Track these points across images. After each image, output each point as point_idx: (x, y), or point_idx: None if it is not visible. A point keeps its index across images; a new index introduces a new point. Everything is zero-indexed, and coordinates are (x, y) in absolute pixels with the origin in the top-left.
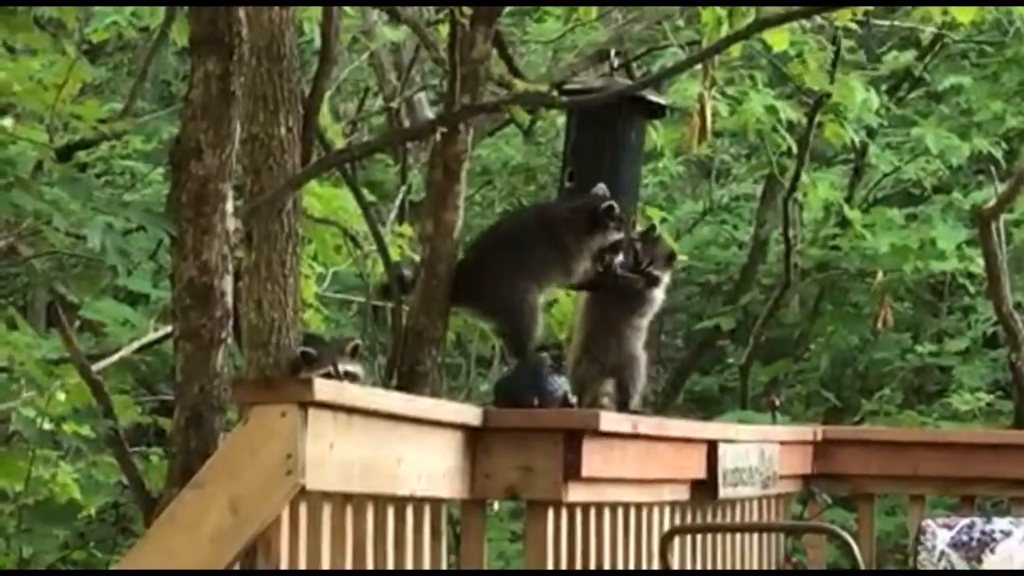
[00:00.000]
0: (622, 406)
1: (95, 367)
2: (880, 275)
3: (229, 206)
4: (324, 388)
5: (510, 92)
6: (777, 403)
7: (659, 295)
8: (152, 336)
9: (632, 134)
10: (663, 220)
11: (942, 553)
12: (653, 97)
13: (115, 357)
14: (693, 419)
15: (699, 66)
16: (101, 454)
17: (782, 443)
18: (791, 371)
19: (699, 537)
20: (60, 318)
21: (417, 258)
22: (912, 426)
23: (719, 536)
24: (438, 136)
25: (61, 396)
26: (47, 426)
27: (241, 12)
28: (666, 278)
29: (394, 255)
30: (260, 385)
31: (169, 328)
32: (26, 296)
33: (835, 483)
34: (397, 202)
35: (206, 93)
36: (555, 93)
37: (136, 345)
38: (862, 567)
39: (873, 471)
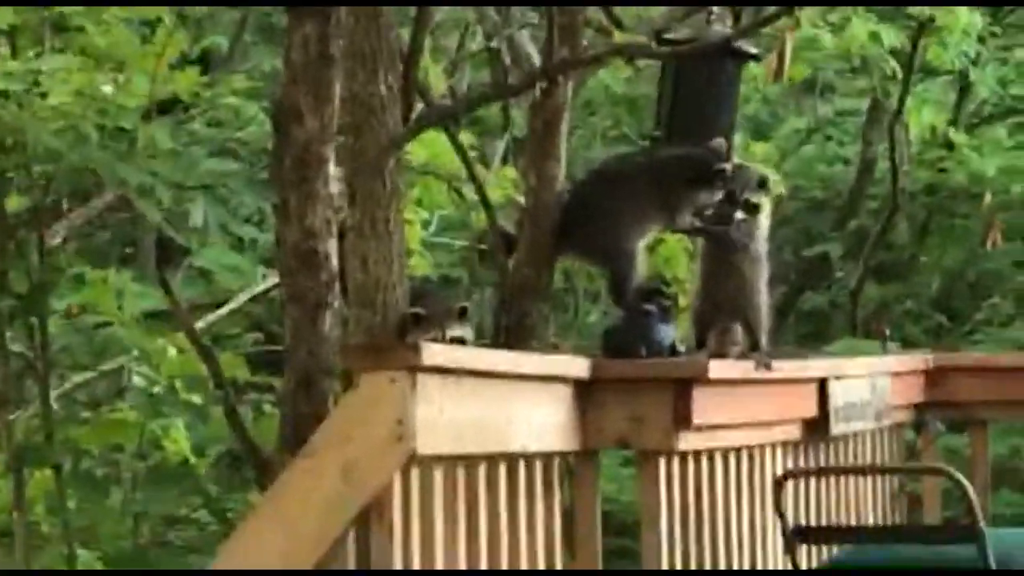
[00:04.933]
0: (753, 347)
1: (206, 320)
2: (988, 196)
3: (331, 169)
4: (433, 353)
5: (609, 42)
6: (887, 332)
7: (763, 220)
8: (262, 286)
9: (727, 81)
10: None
11: None
12: (746, 47)
13: (224, 311)
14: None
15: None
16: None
17: (893, 374)
18: (902, 294)
19: (812, 478)
20: (166, 284)
21: (521, 201)
22: None
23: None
24: (538, 91)
25: (172, 351)
26: (157, 389)
27: None
28: (765, 202)
29: (499, 196)
30: (368, 351)
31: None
32: (135, 240)
33: (948, 410)
34: (501, 146)
35: (304, 56)
36: (654, 44)
37: (245, 297)
38: (976, 508)
39: (986, 397)
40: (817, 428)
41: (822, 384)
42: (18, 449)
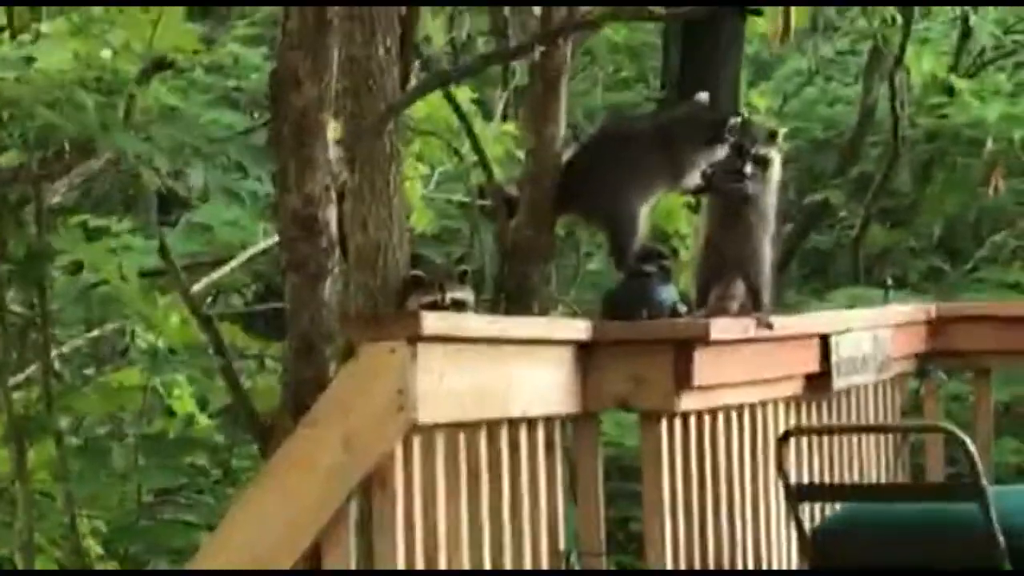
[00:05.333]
0: (755, 305)
1: (208, 279)
2: (990, 143)
3: (330, 135)
4: (432, 322)
5: (608, 5)
6: (888, 282)
7: (774, 175)
8: (263, 245)
9: (733, 35)
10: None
11: None
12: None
13: (225, 269)
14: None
15: None
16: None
17: (895, 325)
18: (904, 239)
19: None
20: (165, 249)
21: (521, 158)
22: None
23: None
24: (537, 53)
25: (174, 318)
26: (160, 345)
27: None
28: (775, 156)
29: (499, 152)
30: (368, 322)
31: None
32: (134, 190)
33: (951, 360)
34: (501, 103)
35: (302, 22)
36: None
37: (245, 256)
38: (978, 466)
39: (989, 346)
40: (819, 383)
41: (824, 339)
42: (19, 420)
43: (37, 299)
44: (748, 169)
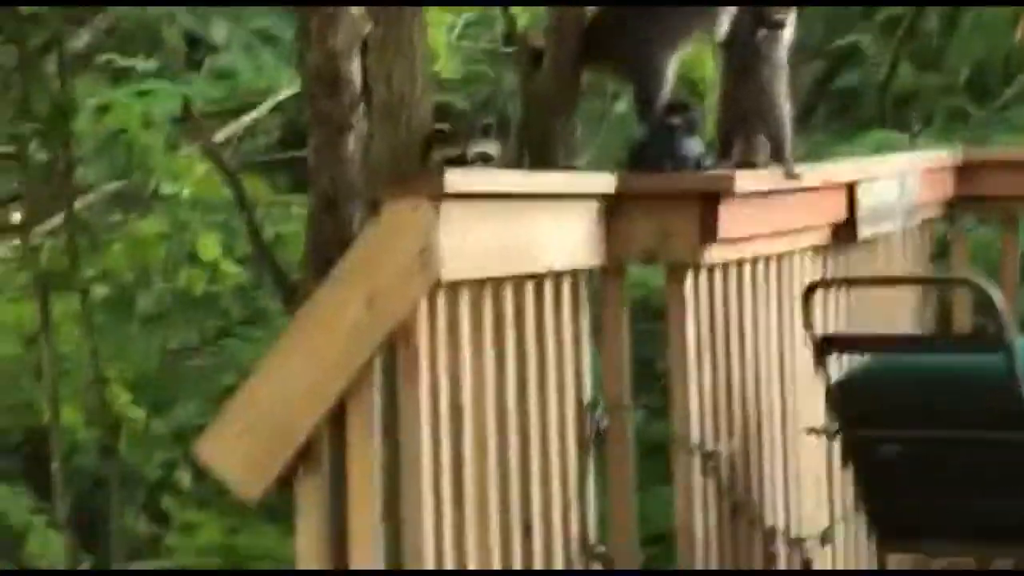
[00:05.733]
0: (777, 154)
1: (232, 127)
2: None
3: None
4: (454, 180)
5: None
6: (916, 127)
7: (787, 34)
8: (287, 92)
9: None
10: None
11: None
12: None
13: (250, 117)
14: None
15: None
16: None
17: (923, 172)
18: (933, 82)
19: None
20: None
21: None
22: None
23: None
24: None
25: (198, 170)
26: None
27: None
28: (791, 18)
29: None
30: (391, 180)
31: None
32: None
33: (978, 206)
34: None
35: None
36: None
37: (271, 103)
38: (1004, 318)
39: (1016, 192)
40: (846, 231)
41: (850, 187)
42: (44, 274)
43: (61, 151)
44: (761, 32)
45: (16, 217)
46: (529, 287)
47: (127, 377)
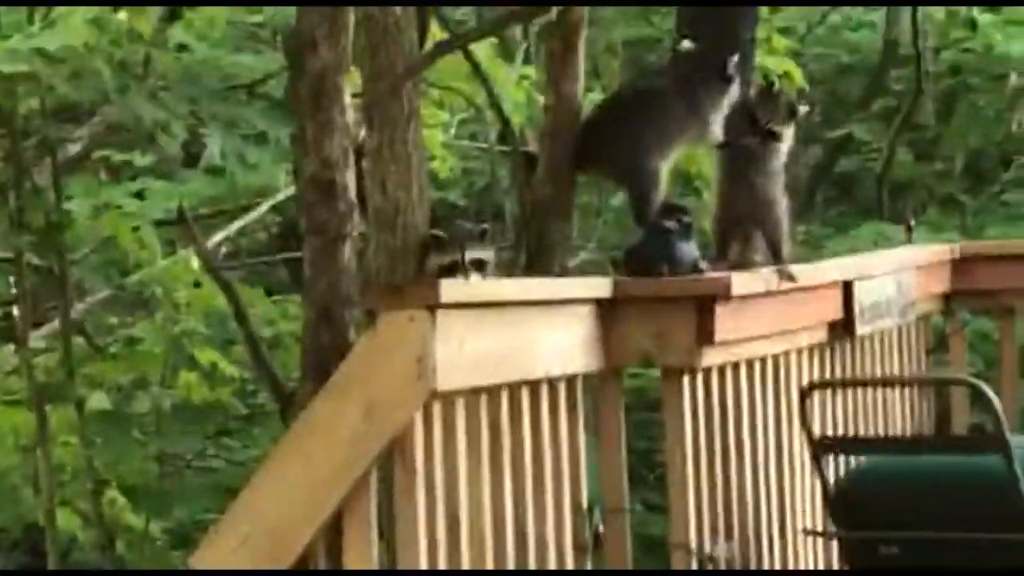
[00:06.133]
0: (774, 256)
1: (229, 230)
2: (1013, 77)
3: (347, 98)
4: (451, 289)
5: None
6: (911, 223)
7: (784, 146)
8: (284, 194)
9: None
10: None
11: None
12: None
13: (248, 219)
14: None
15: None
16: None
17: (919, 267)
18: (928, 173)
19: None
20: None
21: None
22: None
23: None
24: (553, 13)
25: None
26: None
27: None
28: (789, 131)
29: (520, 97)
30: (387, 290)
31: None
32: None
33: (975, 299)
34: (522, 47)
35: None
36: None
37: (266, 206)
38: (1002, 418)
39: (1014, 284)
40: (843, 330)
41: (847, 285)
42: (40, 387)
43: (56, 264)
44: (755, 140)
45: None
46: (525, 393)
47: (126, 483)
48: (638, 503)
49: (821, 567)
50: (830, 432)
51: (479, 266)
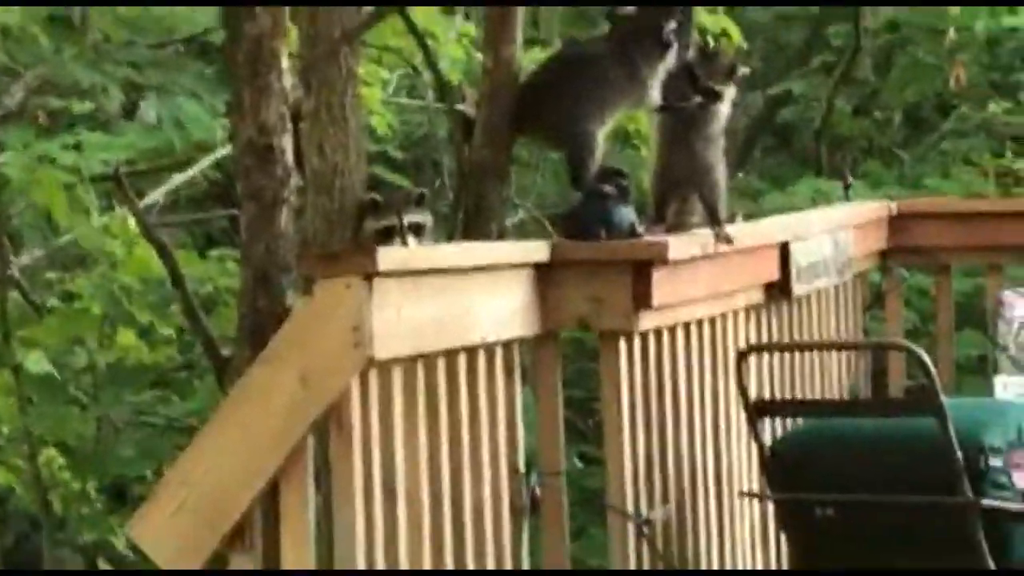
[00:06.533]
0: (711, 218)
1: (166, 186)
2: (952, 32)
3: (284, 63)
4: (387, 257)
5: None
6: (849, 180)
7: (724, 109)
8: (219, 153)
9: None
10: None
11: (1021, 325)
12: None
13: (182, 178)
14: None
15: None
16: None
17: (856, 226)
18: (867, 125)
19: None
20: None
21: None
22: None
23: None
24: None
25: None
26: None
27: None
28: (730, 92)
29: (459, 54)
30: (323, 257)
31: None
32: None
33: (912, 256)
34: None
35: None
36: None
37: (204, 163)
38: (936, 382)
39: (950, 242)
40: (779, 290)
41: (783, 246)
42: None
43: None
44: (695, 99)
45: None
46: (462, 359)
47: (63, 443)
48: (575, 455)
49: (757, 529)
50: (766, 395)
51: (417, 230)
